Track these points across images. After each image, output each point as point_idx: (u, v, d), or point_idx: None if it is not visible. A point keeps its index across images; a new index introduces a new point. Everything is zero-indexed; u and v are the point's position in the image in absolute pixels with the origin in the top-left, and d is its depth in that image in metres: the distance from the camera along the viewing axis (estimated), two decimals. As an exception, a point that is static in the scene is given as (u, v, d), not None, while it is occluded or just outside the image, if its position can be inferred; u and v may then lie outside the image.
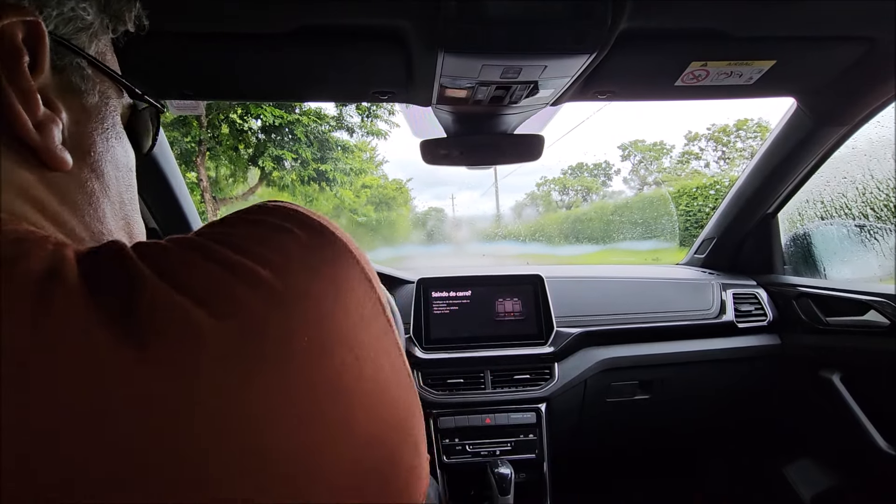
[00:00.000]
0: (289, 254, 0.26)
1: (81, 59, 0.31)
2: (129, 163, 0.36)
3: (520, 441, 1.19)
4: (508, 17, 0.68)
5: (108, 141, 0.33)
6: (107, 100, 0.33)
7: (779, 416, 1.41)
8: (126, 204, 0.36)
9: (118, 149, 0.34)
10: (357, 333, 0.26)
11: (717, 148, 20.58)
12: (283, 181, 8.13)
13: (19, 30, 0.26)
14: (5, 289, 0.20)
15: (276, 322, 0.23)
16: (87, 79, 0.31)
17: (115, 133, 0.34)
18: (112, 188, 0.34)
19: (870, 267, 1.27)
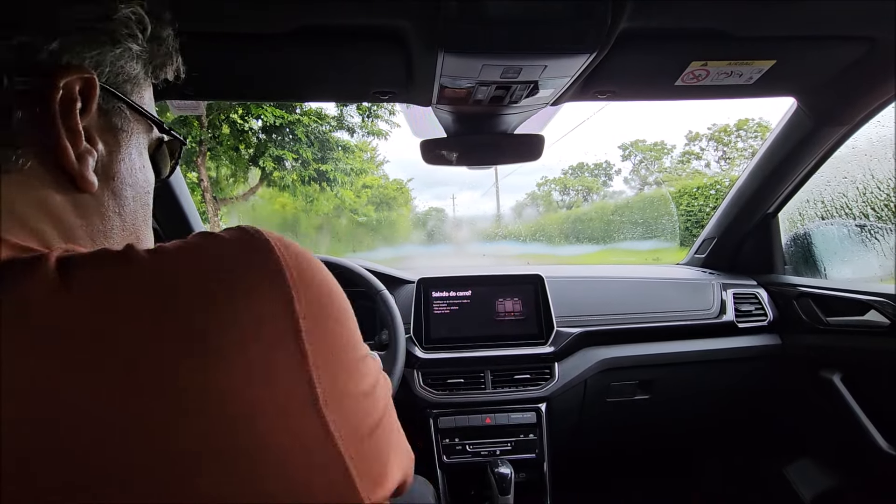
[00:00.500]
0: (205, 272, 0.29)
1: (123, 104, 0.38)
2: (148, 186, 0.43)
3: (520, 441, 1.19)
4: (508, 17, 0.68)
5: (132, 168, 0.40)
6: (138, 134, 0.41)
7: (779, 416, 1.41)
8: (139, 221, 0.42)
9: (139, 174, 0.41)
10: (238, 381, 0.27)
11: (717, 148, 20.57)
12: (284, 181, 8.13)
13: (77, 83, 0.33)
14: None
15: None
16: (125, 119, 0.39)
17: (140, 161, 0.41)
18: (127, 207, 0.40)
19: (870, 267, 1.27)
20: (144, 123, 0.41)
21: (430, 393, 1.18)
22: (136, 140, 0.40)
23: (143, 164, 0.42)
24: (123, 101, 0.38)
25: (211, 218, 7.75)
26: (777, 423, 1.42)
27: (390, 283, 1.19)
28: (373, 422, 0.34)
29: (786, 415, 1.39)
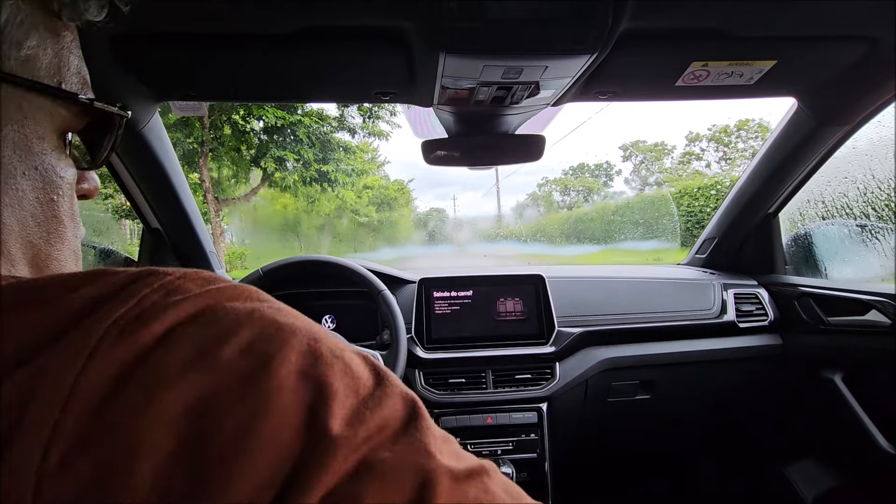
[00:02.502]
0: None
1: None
2: (49, 188, 0.31)
3: (521, 441, 1.19)
4: (510, 18, 0.69)
5: (10, 174, 0.29)
6: (17, 120, 0.29)
7: (780, 416, 1.41)
8: (36, 252, 0.31)
9: (19, 181, 0.29)
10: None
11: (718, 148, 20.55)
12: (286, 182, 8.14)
13: None
14: None
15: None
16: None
17: (23, 158, 0.29)
18: (13, 235, 0.29)
19: (871, 266, 1.27)
20: (37, 99, 0.30)
21: (432, 393, 1.19)
22: (17, 132, 0.29)
23: (37, 163, 0.30)
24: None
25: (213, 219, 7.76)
26: (778, 424, 1.42)
27: (391, 284, 1.19)
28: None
29: (787, 415, 1.39)
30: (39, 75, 0.30)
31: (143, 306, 0.22)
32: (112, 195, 5.49)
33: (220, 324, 0.23)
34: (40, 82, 0.29)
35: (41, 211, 0.31)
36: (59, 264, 0.33)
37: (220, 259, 1.53)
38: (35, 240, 0.31)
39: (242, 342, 0.22)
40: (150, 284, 0.23)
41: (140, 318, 0.22)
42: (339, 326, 1.32)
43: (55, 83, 0.31)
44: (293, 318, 0.25)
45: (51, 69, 0.30)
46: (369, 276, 1.10)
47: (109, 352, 0.20)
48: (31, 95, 0.29)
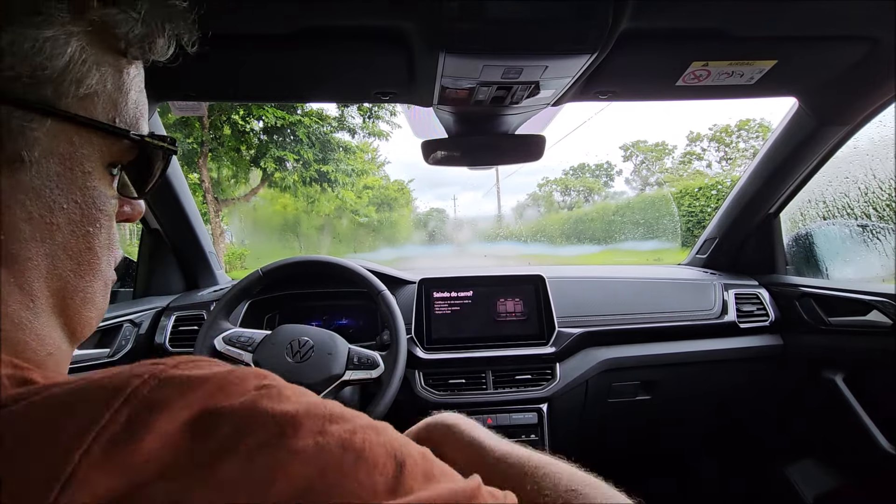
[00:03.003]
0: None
1: (32, 116, 0.27)
2: (86, 221, 0.31)
3: (522, 441, 1.18)
4: (509, 18, 0.68)
5: (46, 208, 0.28)
6: (65, 155, 0.29)
7: (781, 417, 1.40)
8: (65, 283, 0.31)
9: (59, 214, 0.29)
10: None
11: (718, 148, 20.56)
12: (285, 182, 8.15)
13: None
14: None
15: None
16: (29, 141, 0.27)
17: (66, 191, 0.29)
18: (33, 273, 0.29)
19: (872, 267, 1.27)
20: (90, 134, 0.30)
21: (432, 393, 1.18)
22: (64, 165, 0.29)
23: (79, 197, 0.30)
24: (35, 112, 0.27)
25: (212, 219, 7.76)
26: (779, 424, 1.42)
27: (391, 284, 1.19)
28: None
29: (788, 415, 1.38)
30: (96, 112, 0.30)
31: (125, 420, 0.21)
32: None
33: (213, 437, 0.21)
34: (95, 120, 0.30)
35: (75, 243, 0.31)
36: (85, 297, 0.32)
37: (219, 259, 1.52)
38: (65, 272, 0.30)
39: (241, 456, 0.21)
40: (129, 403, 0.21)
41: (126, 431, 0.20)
42: (338, 327, 1.32)
43: (109, 119, 0.31)
44: (295, 404, 0.24)
45: (108, 105, 0.31)
46: (369, 277, 1.10)
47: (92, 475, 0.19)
48: (83, 131, 0.29)
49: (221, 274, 1.49)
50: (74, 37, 0.28)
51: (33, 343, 0.29)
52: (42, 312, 0.29)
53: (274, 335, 0.99)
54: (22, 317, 0.28)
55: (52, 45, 0.27)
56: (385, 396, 0.96)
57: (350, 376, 0.97)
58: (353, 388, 1.13)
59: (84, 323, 0.33)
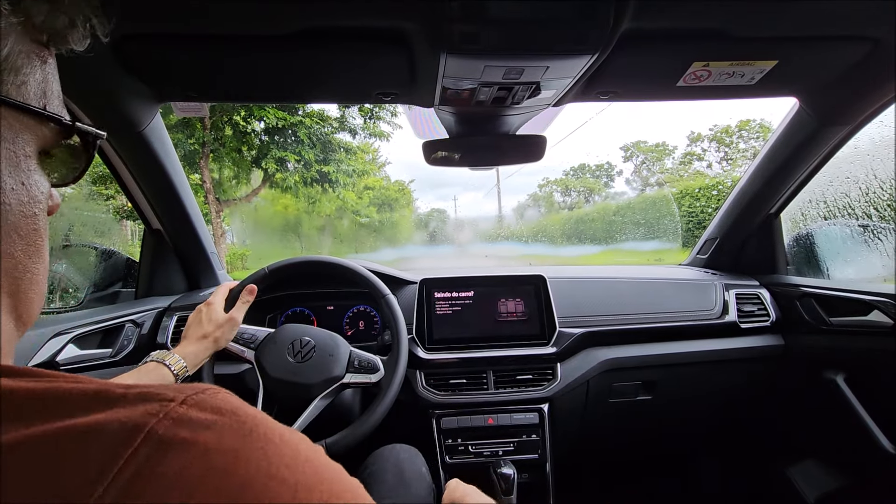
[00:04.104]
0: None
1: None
2: (31, 206, 0.33)
3: (523, 441, 1.19)
4: (511, 18, 0.69)
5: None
6: (7, 139, 0.31)
7: (782, 417, 1.40)
8: (16, 263, 0.32)
9: (6, 195, 0.31)
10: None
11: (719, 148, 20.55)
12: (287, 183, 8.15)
13: None
14: None
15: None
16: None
17: (10, 174, 0.31)
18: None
19: (873, 267, 1.27)
20: (24, 119, 0.32)
21: (433, 393, 1.18)
22: (8, 149, 0.31)
23: (23, 179, 0.32)
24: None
25: (214, 219, 7.77)
26: (780, 424, 1.41)
27: (393, 284, 1.19)
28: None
29: (789, 415, 1.38)
30: (30, 100, 0.32)
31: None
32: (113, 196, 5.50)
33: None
34: (30, 105, 0.32)
35: (24, 224, 0.32)
36: (32, 278, 0.34)
37: (221, 260, 1.53)
38: (16, 252, 0.32)
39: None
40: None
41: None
42: (340, 327, 1.32)
43: (41, 106, 0.33)
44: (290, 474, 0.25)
45: (38, 93, 0.33)
46: (373, 279, 1.10)
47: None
48: (22, 116, 0.31)
49: (223, 274, 1.49)
50: (13, 28, 0.30)
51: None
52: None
53: (276, 334, 0.99)
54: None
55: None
56: (384, 400, 0.96)
57: (350, 379, 0.97)
58: (353, 390, 1.14)
59: (30, 305, 0.34)
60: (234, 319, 0.93)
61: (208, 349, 0.88)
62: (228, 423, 0.25)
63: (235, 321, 0.93)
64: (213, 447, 0.23)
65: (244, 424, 0.25)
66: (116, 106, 0.94)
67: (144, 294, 1.35)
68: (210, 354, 0.89)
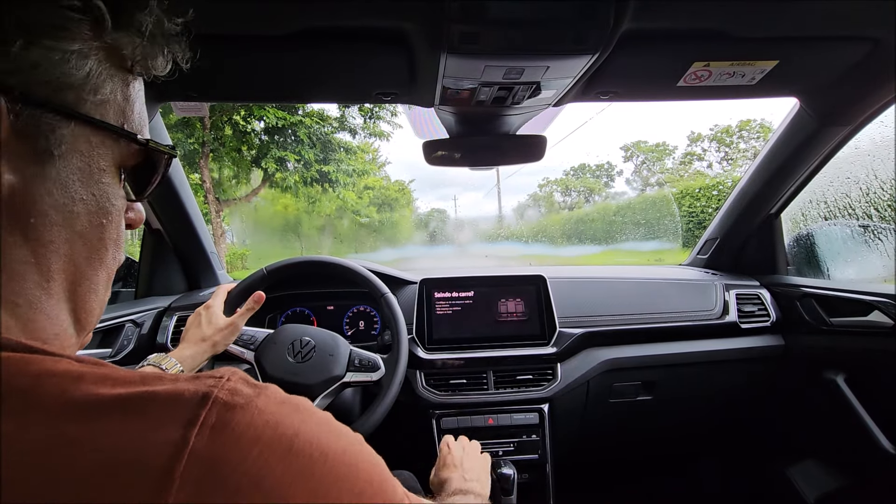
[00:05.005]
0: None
1: (58, 118, 0.31)
2: (102, 216, 0.35)
3: (523, 441, 1.18)
4: (511, 18, 0.68)
5: (66, 200, 0.32)
6: (86, 154, 0.33)
7: (782, 417, 1.40)
8: (80, 266, 0.34)
9: (80, 206, 0.33)
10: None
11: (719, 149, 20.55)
12: (286, 182, 8.15)
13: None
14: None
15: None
16: (59, 138, 0.31)
17: (86, 189, 0.33)
18: (53, 255, 0.32)
19: (874, 267, 1.27)
20: (104, 136, 0.34)
21: (433, 394, 1.18)
22: (84, 161, 0.33)
23: (95, 190, 0.34)
24: (59, 113, 0.31)
25: (213, 219, 7.77)
26: (780, 424, 1.41)
27: (393, 284, 1.19)
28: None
29: (789, 416, 1.38)
30: (108, 118, 0.34)
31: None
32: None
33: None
34: (108, 123, 0.34)
35: (90, 232, 0.34)
36: (91, 285, 0.36)
37: (220, 260, 1.53)
38: (78, 259, 0.34)
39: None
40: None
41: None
42: (340, 327, 1.32)
43: (119, 124, 0.35)
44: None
45: (118, 113, 0.35)
46: (372, 279, 1.10)
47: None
48: (99, 132, 0.34)
49: (223, 274, 1.49)
50: (94, 52, 0.32)
51: (43, 321, 0.32)
52: (54, 294, 0.33)
53: (276, 334, 0.99)
54: (36, 295, 0.32)
55: (77, 58, 0.31)
56: (385, 399, 0.96)
57: (350, 378, 0.97)
58: (354, 390, 1.14)
59: (89, 310, 0.36)
60: (236, 325, 0.92)
61: (206, 352, 0.87)
62: (268, 393, 0.30)
63: (237, 327, 0.92)
64: (264, 408, 0.29)
65: (278, 394, 0.31)
66: None
67: (144, 294, 1.35)
68: (208, 357, 0.88)
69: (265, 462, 0.26)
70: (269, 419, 0.28)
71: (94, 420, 0.26)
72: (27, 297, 0.31)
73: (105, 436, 0.25)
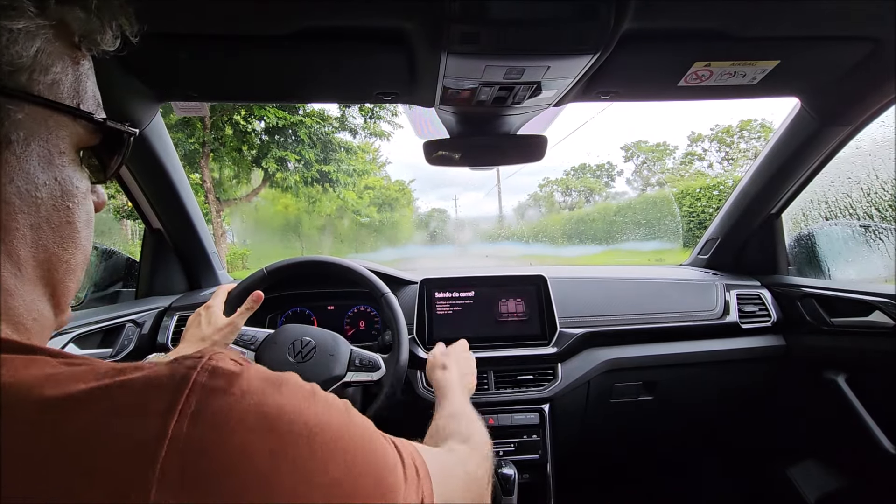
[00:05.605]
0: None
1: (11, 102, 0.30)
2: (66, 199, 0.34)
3: (523, 442, 1.18)
4: (512, 18, 0.68)
5: (28, 187, 0.32)
6: (43, 137, 0.32)
7: (783, 417, 1.40)
8: (50, 249, 0.34)
9: (44, 191, 0.33)
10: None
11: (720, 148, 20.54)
12: (287, 182, 8.15)
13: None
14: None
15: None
16: (15, 123, 0.30)
17: (46, 174, 0.33)
18: (20, 242, 0.32)
19: (875, 267, 1.27)
20: (60, 118, 0.33)
21: (433, 394, 1.18)
22: (42, 146, 0.32)
23: (56, 174, 0.33)
24: (15, 98, 0.30)
25: (214, 219, 7.77)
26: (781, 425, 1.41)
27: (393, 284, 1.19)
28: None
29: (790, 416, 1.38)
30: (62, 97, 0.34)
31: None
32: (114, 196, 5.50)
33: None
34: (63, 103, 0.33)
35: (57, 217, 0.34)
36: (68, 267, 0.36)
37: (221, 260, 1.53)
38: (49, 244, 0.34)
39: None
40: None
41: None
42: (340, 327, 1.32)
43: (75, 104, 0.35)
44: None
45: (71, 92, 0.34)
46: (373, 279, 1.10)
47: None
48: (55, 114, 0.33)
49: (223, 274, 1.49)
50: (41, 30, 0.31)
51: (21, 308, 0.32)
52: (28, 280, 0.33)
53: (276, 335, 0.99)
54: (11, 284, 0.32)
55: (25, 37, 0.30)
56: (386, 399, 0.96)
57: (351, 378, 0.97)
58: (354, 390, 1.13)
59: (65, 293, 0.37)
60: (235, 325, 0.92)
61: None
62: (251, 372, 0.30)
63: (236, 326, 0.92)
64: (246, 388, 0.29)
65: (261, 371, 0.31)
66: (116, 106, 0.94)
67: (145, 294, 1.35)
68: None
69: (248, 445, 0.26)
70: (251, 400, 0.28)
71: (69, 420, 0.25)
72: (5, 286, 0.31)
73: (82, 434, 0.25)
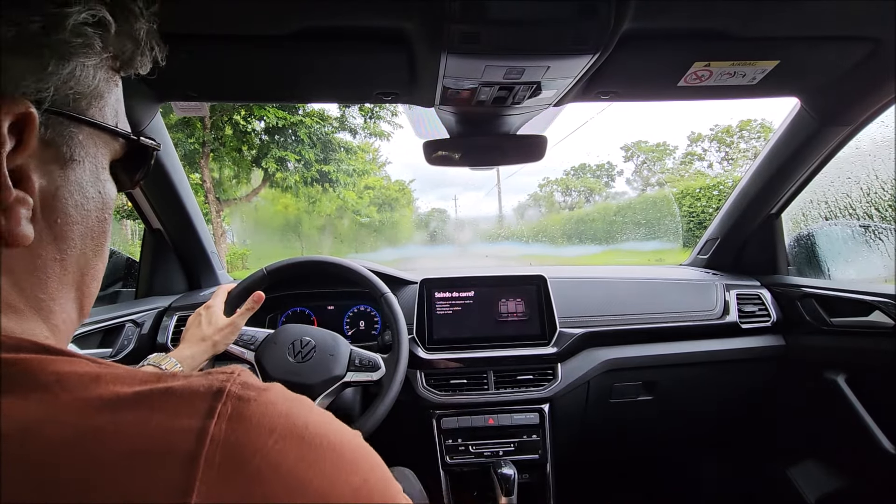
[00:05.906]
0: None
1: (76, 125, 0.33)
2: (104, 210, 0.38)
3: (523, 442, 1.18)
4: (511, 18, 0.68)
5: (83, 200, 0.35)
6: (95, 155, 0.36)
7: (782, 418, 1.40)
8: (87, 257, 0.37)
9: (91, 203, 0.36)
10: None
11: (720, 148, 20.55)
12: (287, 182, 8.15)
13: (6, 120, 0.28)
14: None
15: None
16: (77, 144, 0.33)
17: (94, 187, 0.36)
18: (72, 249, 0.35)
19: (874, 267, 1.27)
20: (104, 136, 0.37)
21: (433, 393, 1.18)
22: (92, 162, 0.35)
23: (100, 188, 0.37)
24: (77, 121, 0.33)
25: (214, 219, 7.77)
26: (781, 425, 1.41)
27: (393, 284, 1.19)
28: None
29: (790, 416, 1.38)
30: (107, 119, 0.37)
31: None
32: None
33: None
34: (108, 125, 0.37)
35: (97, 227, 0.37)
36: (94, 274, 0.39)
37: (221, 260, 1.53)
38: (87, 252, 0.37)
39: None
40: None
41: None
42: (339, 327, 1.32)
43: (114, 123, 0.38)
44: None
45: (112, 112, 0.37)
46: (372, 278, 1.10)
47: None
48: (102, 134, 0.36)
49: (223, 274, 1.49)
50: (104, 61, 0.34)
51: (57, 311, 0.35)
52: (67, 285, 0.35)
53: (276, 335, 0.99)
54: (55, 288, 0.34)
55: (94, 71, 0.34)
56: (386, 398, 0.96)
57: (351, 378, 0.97)
58: (354, 390, 1.14)
59: (90, 297, 0.39)
60: (236, 325, 0.92)
61: (206, 352, 0.88)
62: (275, 389, 0.32)
63: (237, 326, 0.93)
64: (274, 401, 0.30)
65: (283, 391, 0.32)
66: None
67: (145, 294, 1.35)
68: (208, 357, 0.88)
69: (281, 449, 0.28)
70: (280, 410, 0.30)
71: (118, 412, 0.27)
72: (50, 291, 0.34)
73: (131, 426, 0.26)
